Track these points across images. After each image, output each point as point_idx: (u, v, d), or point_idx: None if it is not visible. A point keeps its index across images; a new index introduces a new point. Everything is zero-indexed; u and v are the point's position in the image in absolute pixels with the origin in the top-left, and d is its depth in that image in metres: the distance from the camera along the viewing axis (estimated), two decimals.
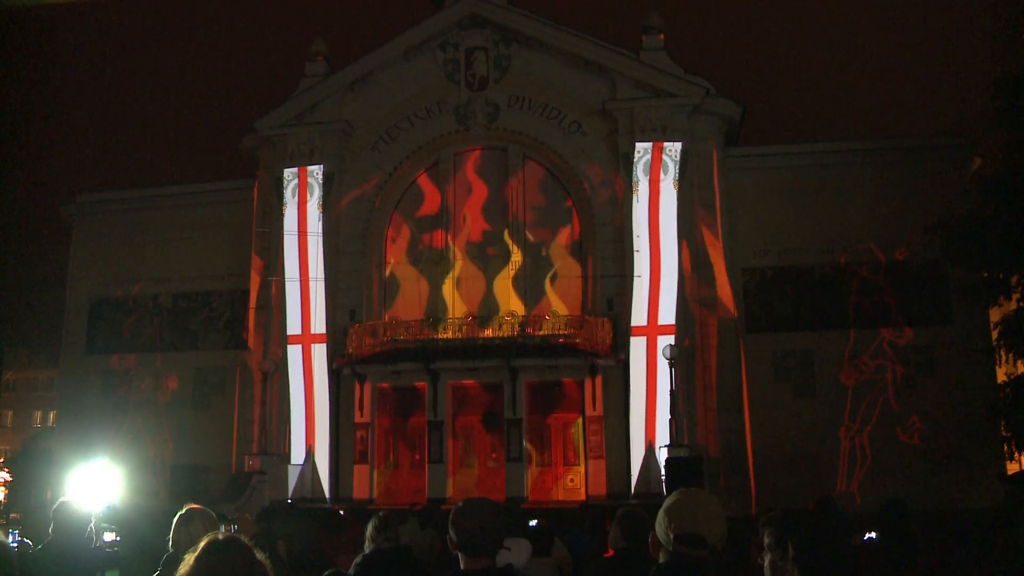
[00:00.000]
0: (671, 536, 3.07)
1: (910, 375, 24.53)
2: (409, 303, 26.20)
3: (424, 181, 26.95)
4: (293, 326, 25.42)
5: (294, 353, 25.31)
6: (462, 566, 3.66)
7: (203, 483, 25.15)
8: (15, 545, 7.17)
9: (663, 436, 22.19)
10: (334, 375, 25.19)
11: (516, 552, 4.94)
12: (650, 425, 22.87)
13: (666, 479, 19.82)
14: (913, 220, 23.56)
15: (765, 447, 24.01)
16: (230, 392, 27.67)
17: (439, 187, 26.55)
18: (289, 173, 26.29)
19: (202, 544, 2.79)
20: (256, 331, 27.00)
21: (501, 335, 24.24)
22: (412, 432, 25.46)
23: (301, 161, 26.31)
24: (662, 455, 21.41)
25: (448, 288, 25.86)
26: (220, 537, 2.82)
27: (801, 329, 25.25)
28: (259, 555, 2.88)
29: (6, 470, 41.18)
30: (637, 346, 23.52)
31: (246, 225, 27.85)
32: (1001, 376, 21.96)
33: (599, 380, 23.90)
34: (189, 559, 2.79)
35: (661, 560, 3.26)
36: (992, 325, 22.28)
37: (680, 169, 24.38)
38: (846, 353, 24.81)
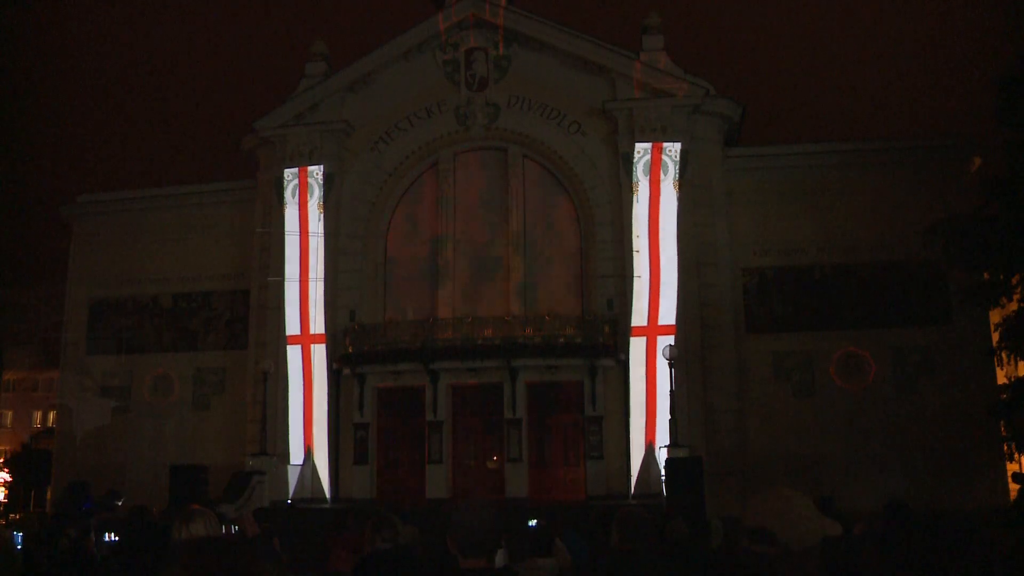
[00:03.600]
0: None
1: (910, 375, 24.53)
2: (409, 303, 26.19)
3: (424, 181, 26.95)
4: (293, 326, 25.41)
5: (293, 353, 25.30)
6: (461, 566, 3.66)
7: (203, 483, 25.14)
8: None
9: (663, 436, 22.18)
10: (334, 375, 25.19)
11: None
12: (650, 425, 22.87)
13: (666, 479, 19.84)
14: (913, 220, 23.53)
15: (765, 447, 24.01)
16: (230, 392, 27.69)
17: (439, 187, 26.55)
18: (289, 173, 26.30)
19: (192, 544, 2.78)
20: (256, 331, 27.01)
21: (501, 335, 24.24)
22: (412, 432, 25.43)
23: (301, 161, 26.31)
24: (662, 455, 21.41)
25: (448, 288, 25.85)
26: (210, 537, 2.82)
27: (801, 329, 25.24)
28: (251, 556, 2.87)
29: (6, 471, 41.18)
30: (637, 346, 23.52)
31: (246, 225, 27.85)
32: (1001, 378, 21.94)
33: (599, 380, 23.90)
34: (181, 559, 2.78)
35: None
36: (992, 327, 22.25)
37: (680, 169, 24.38)
38: (846, 353, 24.80)
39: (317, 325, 25.34)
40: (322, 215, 25.91)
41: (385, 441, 25.54)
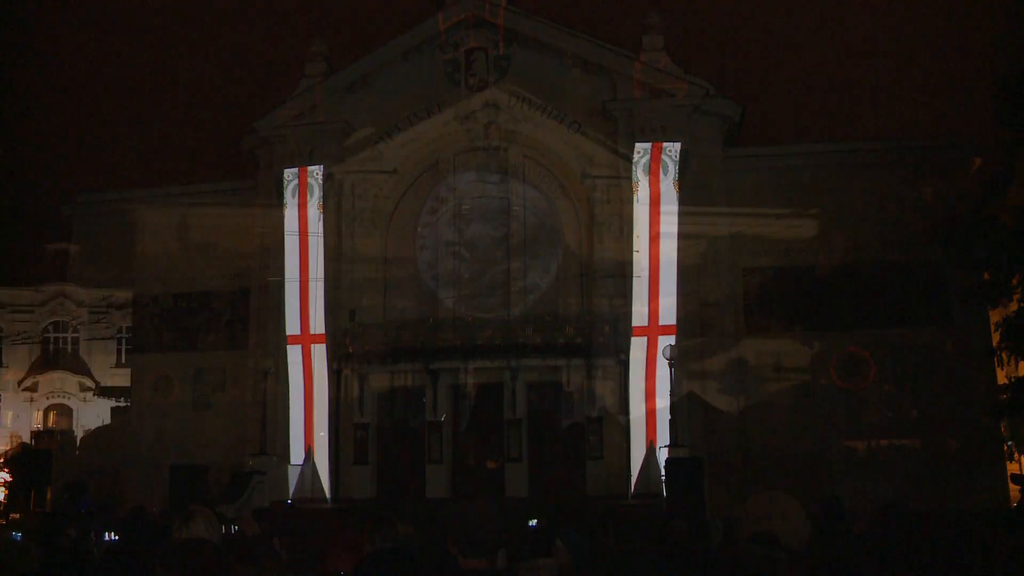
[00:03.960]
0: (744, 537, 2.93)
1: (910, 375, 24.51)
2: (409, 303, 26.18)
3: (424, 181, 26.93)
4: (293, 326, 25.40)
5: (294, 353, 25.29)
6: (461, 566, 3.66)
7: (203, 483, 25.16)
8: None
9: (663, 436, 22.18)
10: (334, 375, 25.18)
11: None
12: (650, 425, 22.86)
13: (666, 479, 19.83)
14: (913, 220, 23.56)
15: (765, 447, 23.98)
16: (230, 392, 27.67)
17: (439, 187, 26.54)
18: (289, 173, 26.28)
19: (187, 545, 2.79)
20: (256, 331, 27.00)
21: (501, 335, 24.23)
22: (412, 432, 25.42)
23: (301, 161, 26.29)
24: (662, 455, 21.40)
25: (448, 288, 25.84)
26: (204, 538, 2.82)
27: (801, 329, 25.24)
28: (245, 557, 2.88)
29: (6, 471, 41.13)
30: (637, 346, 23.51)
31: (246, 225, 27.83)
32: (1002, 378, 21.94)
33: (599, 380, 23.89)
34: (177, 559, 2.79)
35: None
36: (993, 327, 22.26)
37: (680, 169, 24.37)
38: (846, 353, 24.79)
39: (317, 325, 25.32)
40: (322, 215, 25.89)
41: (385, 441, 25.52)
